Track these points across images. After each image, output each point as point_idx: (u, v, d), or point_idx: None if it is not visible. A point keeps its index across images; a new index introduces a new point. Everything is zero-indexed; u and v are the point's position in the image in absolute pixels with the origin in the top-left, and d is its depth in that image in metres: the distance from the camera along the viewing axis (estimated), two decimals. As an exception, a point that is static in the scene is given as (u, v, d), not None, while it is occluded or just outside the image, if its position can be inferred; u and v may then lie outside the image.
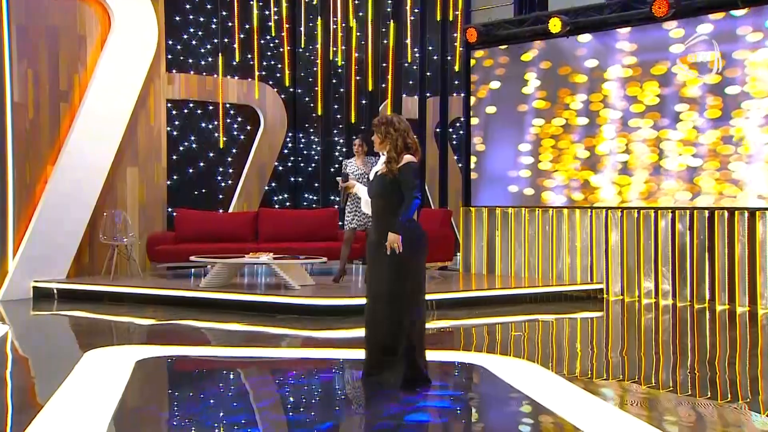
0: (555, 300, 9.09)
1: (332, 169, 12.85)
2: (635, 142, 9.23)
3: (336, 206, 4.06)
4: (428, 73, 11.99)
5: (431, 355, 4.89)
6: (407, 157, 4.19)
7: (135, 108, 10.56)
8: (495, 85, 10.62)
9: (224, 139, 12.12)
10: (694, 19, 8.67)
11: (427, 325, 7.00)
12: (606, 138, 9.43)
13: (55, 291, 8.97)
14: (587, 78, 9.64)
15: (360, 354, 4.70)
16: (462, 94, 11.27)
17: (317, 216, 10.80)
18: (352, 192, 4.40)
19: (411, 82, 12.69)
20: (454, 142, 12.73)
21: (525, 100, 10.27)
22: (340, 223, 11.89)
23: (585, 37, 9.56)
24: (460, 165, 12.09)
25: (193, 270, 10.54)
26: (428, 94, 11.92)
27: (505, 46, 10.44)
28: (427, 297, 8.05)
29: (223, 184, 12.17)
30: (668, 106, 8.98)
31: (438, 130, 11.84)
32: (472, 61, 10.76)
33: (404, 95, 12.53)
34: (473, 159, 10.42)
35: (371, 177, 4.40)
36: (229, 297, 8.07)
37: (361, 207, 4.45)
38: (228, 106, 12.17)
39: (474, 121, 10.60)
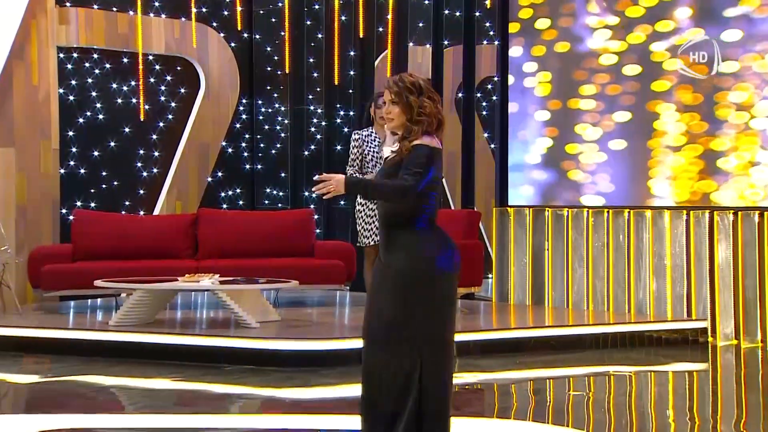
0: (634, 344, 9.09)
1: (306, 152, 12.73)
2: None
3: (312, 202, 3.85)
4: (446, 12, 11.88)
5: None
6: (426, 138, 4.32)
7: (9, 60, 10.42)
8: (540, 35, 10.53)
9: (146, 107, 12.03)
10: None
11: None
12: (737, 140, 9.47)
13: None
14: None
15: (352, 422, 4.73)
16: (496, 42, 11.19)
17: (285, 220, 10.87)
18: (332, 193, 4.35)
19: (421, 25, 12.59)
20: (484, 113, 12.62)
21: (593, 64, 10.28)
22: (318, 230, 11.75)
23: None
24: (492, 146, 11.95)
25: (99, 301, 10.53)
26: (446, 43, 11.93)
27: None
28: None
29: (144, 174, 12.11)
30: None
31: (461, 94, 11.85)
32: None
33: (411, 44, 12.47)
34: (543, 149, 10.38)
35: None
36: (154, 340, 8.10)
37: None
38: (152, 58, 12.12)
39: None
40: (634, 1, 10.00)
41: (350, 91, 12.57)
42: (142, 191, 12.02)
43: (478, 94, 12.28)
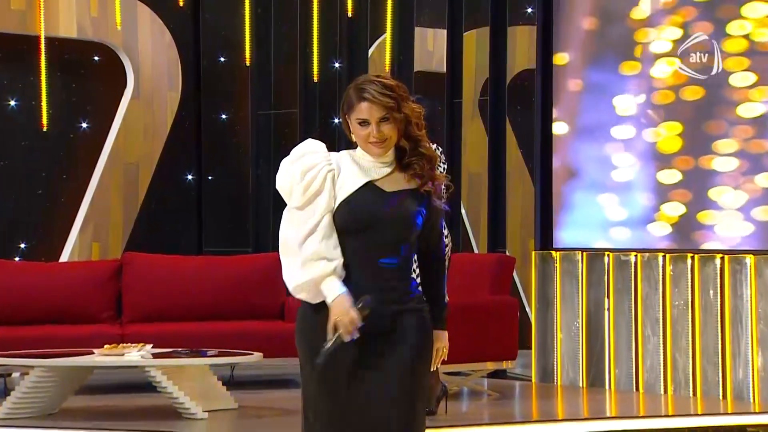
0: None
1: (272, 175, 12.57)
2: None
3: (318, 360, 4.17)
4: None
5: None
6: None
7: None
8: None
9: (50, 111, 11.97)
10: None
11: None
12: None
13: None
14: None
15: None
16: (536, 25, 11.28)
17: (244, 269, 11.00)
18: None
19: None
20: (519, 120, 12.51)
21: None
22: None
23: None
24: (530, 165, 11.99)
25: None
26: (466, 23, 11.98)
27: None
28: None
29: (48, 205, 12.12)
30: None
31: (485, 97, 11.96)
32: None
33: (418, 26, 12.51)
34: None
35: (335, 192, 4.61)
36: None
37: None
38: (58, 44, 12.15)
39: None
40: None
41: (334, 90, 12.51)
42: (43, 229, 11.97)
43: (510, 95, 12.15)
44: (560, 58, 10.87)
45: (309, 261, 4.44)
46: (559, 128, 10.90)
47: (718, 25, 10.30)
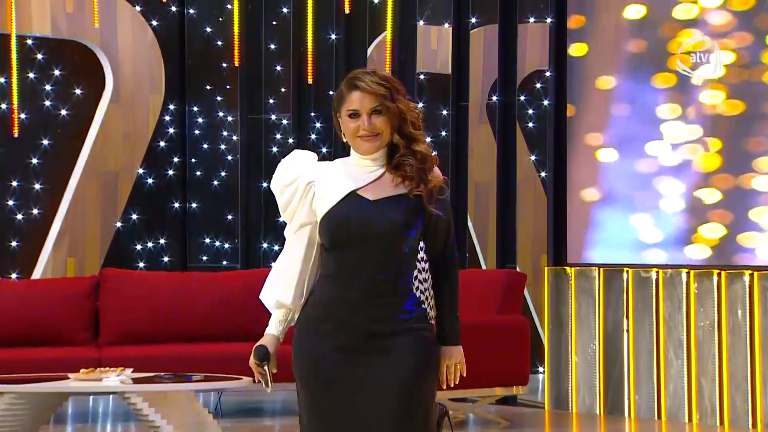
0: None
1: (264, 184, 12.60)
2: None
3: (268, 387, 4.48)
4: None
5: None
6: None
7: None
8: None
9: (23, 116, 12.01)
10: None
11: None
12: None
13: None
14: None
15: None
16: (549, 20, 11.35)
17: (233, 286, 11.00)
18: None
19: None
20: (531, 125, 12.43)
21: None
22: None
23: None
24: (543, 174, 11.88)
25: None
26: (473, 20, 11.99)
27: None
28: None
29: (19, 217, 12.17)
30: None
31: (495, 98, 11.94)
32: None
33: (421, 23, 12.58)
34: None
35: (322, 197, 4.63)
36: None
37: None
38: (32, 43, 12.21)
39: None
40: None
41: (330, 92, 12.39)
42: (15, 243, 12.06)
43: (522, 97, 12.25)
44: (605, 82, 10.91)
45: (267, 284, 4.65)
46: (603, 153, 10.93)
47: (757, 36, 10.34)
